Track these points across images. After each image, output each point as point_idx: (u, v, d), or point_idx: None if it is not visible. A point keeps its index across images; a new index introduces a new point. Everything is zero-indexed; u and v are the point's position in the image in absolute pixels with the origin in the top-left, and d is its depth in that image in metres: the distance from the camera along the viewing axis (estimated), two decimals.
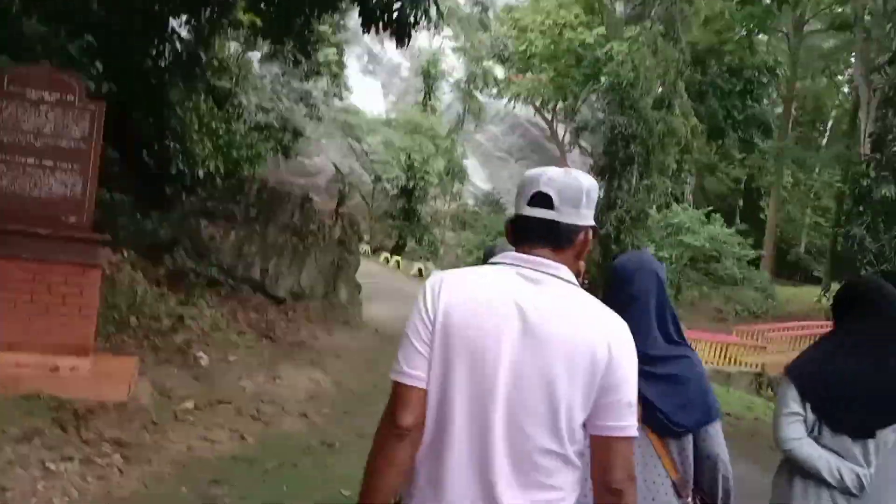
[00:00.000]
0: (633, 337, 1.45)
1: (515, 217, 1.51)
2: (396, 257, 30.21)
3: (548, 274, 1.40)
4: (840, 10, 30.16)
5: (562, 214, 1.43)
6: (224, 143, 13.75)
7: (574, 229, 1.44)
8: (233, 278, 9.31)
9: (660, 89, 12.89)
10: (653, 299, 2.18)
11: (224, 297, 8.98)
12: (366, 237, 38.10)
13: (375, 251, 34.15)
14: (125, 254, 7.73)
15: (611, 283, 2.28)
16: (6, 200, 4.45)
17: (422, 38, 48.51)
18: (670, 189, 15.63)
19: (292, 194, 9.72)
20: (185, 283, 8.94)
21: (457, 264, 34.51)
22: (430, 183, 32.48)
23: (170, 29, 12.41)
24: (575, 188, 1.44)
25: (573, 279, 1.43)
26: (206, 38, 12.95)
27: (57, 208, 4.56)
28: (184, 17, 12.51)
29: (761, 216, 40.05)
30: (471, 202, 42.46)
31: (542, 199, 1.44)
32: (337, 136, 35.14)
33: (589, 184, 1.47)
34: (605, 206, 13.85)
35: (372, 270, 20.61)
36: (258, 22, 14.01)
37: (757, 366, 16.69)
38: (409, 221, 34.24)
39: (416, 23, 8.32)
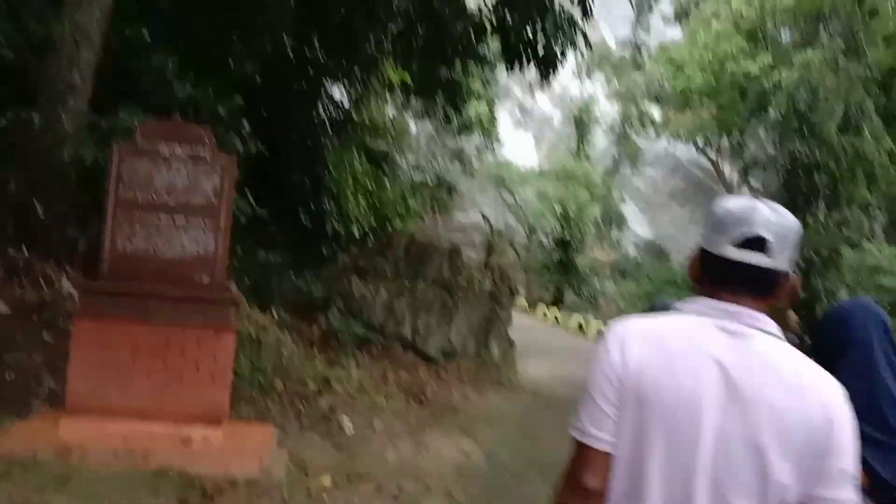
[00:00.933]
0: (853, 384, 1.38)
1: (712, 257, 1.33)
2: (554, 310, 29.19)
3: (753, 327, 1.26)
4: None
5: (776, 261, 1.29)
6: (377, 202, 13.92)
7: (784, 275, 1.31)
8: (384, 336, 9.03)
9: (842, 112, 11.21)
10: (877, 342, 1.93)
11: (374, 356, 8.69)
12: (522, 290, 37.58)
13: (532, 305, 33.38)
14: (276, 314, 7.67)
15: (822, 329, 2.05)
16: (139, 261, 4.35)
17: (573, 87, 48.38)
18: (867, 224, 13.50)
19: (440, 247, 9.36)
20: (336, 342, 8.79)
21: (619, 315, 32.72)
22: (586, 232, 31.40)
23: (324, 91, 12.86)
24: (790, 229, 1.30)
25: (780, 333, 1.28)
26: (357, 101, 13.26)
27: (189, 268, 4.39)
28: (337, 80, 12.93)
29: None
30: (631, 250, 40.56)
31: (756, 244, 1.28)
32: (490, 190, 35.27)
33: (798, 223, 1.34)
34: None
35: (528, 325, 19.84)
36: (408, 79, 14.20)
37: None
38: (567, 273, 33.20)
39: (563, 54, 7.74)
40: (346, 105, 12.94)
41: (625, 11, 46.59)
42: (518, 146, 41.71)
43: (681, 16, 36.11)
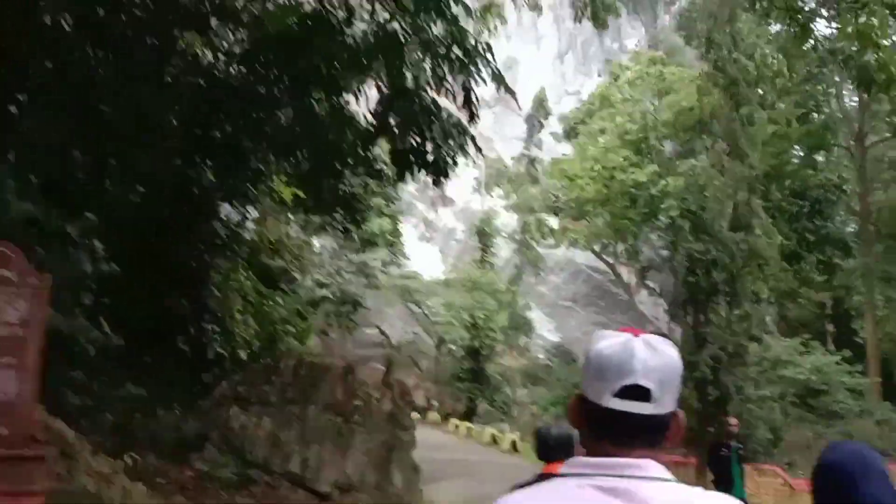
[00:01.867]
0: None
1: (592, 406, 1.21)
2: (467, 424, 28.18)
3: (638, 478, 1.16)
4: None
5: (661, 407, 1.18)
6: (268, 322, 12.98)
7: (671, 417, 1.21)
8: (268, 473, 7.94)
9: (731, 211, 11.66)
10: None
11: (258, 497, 7.58)
12: (434, 404, 36.45)
13: (445, 418, 32.27)
14: (131, 460, 6.53)
15: (825, 487, 1.93)
16: None
17: (475, 202, 49.79)
18: (767, 318, 13.85)
19: (333, 367, 8.54)
20: (211, 486, 7.64)
21: (532, 423, 32.14)
22: (495, 340, 31.12)
23: (210, 210, 12.12)
24: (673, 370, 1.19)
25: (668, 475, 1.17)
26: (245, 218, 12.58)
27: None
28: (225, 199, 12.25)
29: (857, 339, 36.86)
30: (541, 356, 40.58)
31: (638, 393, 1.17)
32: (397, 303, 34.76)
33: (679, 359, 1.22)
34: (694, 346, 12.13)
35: (439, 442, 18.79)
36: (301, 194, 13.72)
37: None
38: (479, 382, 32.54)
39: (454, 160, 7.48)
40: (234, 224, 12.22)
41: (517, 131, 49.28)
42: (424, 259, 41.86)
43: (570, 133, 38.36)
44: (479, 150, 7.69)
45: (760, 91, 13.54)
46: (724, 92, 11.91)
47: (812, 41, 8.44)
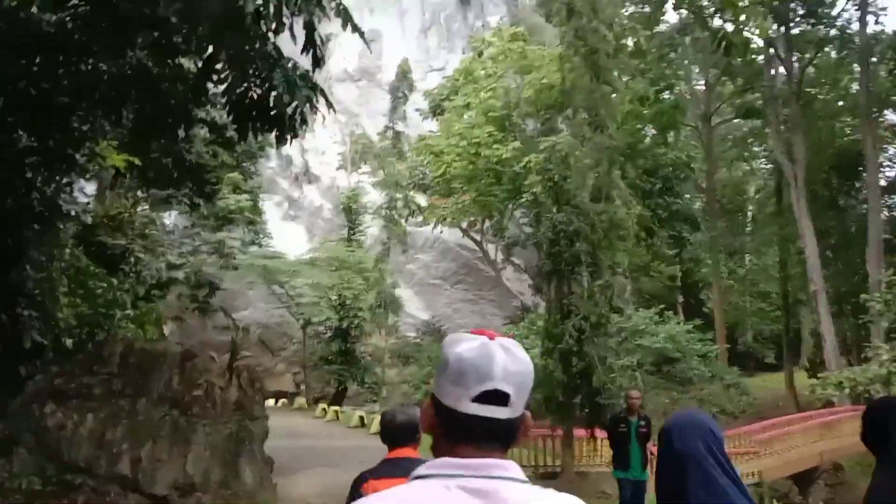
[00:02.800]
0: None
1: (449, 411, 1.23)
2: (335, 407, 27.40)
3: (500, 478, 1.19)
4: (744, 98, 31.22)
5: (516, 410, 1.23)
6: (101, 305, 11.54)
7: (522, 419, 1.26)
8: (93, 477, 6.86)
9: (592, 182, 11.71)
10: (703, 453, 2.14)
11: None
12: (302, 388, 35.26)
13: (315, 402, 31.25)
14: None
15: (660, 447, 2.29)
16: None
17: (341, 179, 48.49)
18: (629, 288, 14.22)
19: (168, 353, 7.52)
20: (23, 496, 6.47)
21: (404, 401, 31.95)
22: (364, 320, 30.42)
23: (26, 179, 10.46)
24: (529, 375, 1.24)
25: (524, 476, 1.22)
26: (64, 188, 10.96)
27: None
28: (42, 166, 10.60)
29: (704, 310, 39.75)
30: (411, 334, 40.42)
31: (497, 398, 1.20)
32: (259, 284, 33.11)
33: (531, 364, 1.26)
34: (559, 316, 12.13)
35: (301, 429, 17.94)
36: (135, 161, 12.25)
37: (753, 474, 14.69)
38: (348, 364, 31.75)
39: (302, 116, 6.66)
40: (50, 194, 10.62)
41: (383, 106, 48.46)
42: (289, 238, 40.29)
43: (435, 110, 38.11)
44: (330, 105, 6.91)
45: (617, 67, 13.83)
46: (585, 61, 11.90)
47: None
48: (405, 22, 51.16)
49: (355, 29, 6.74)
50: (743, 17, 22.58)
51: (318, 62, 6.41)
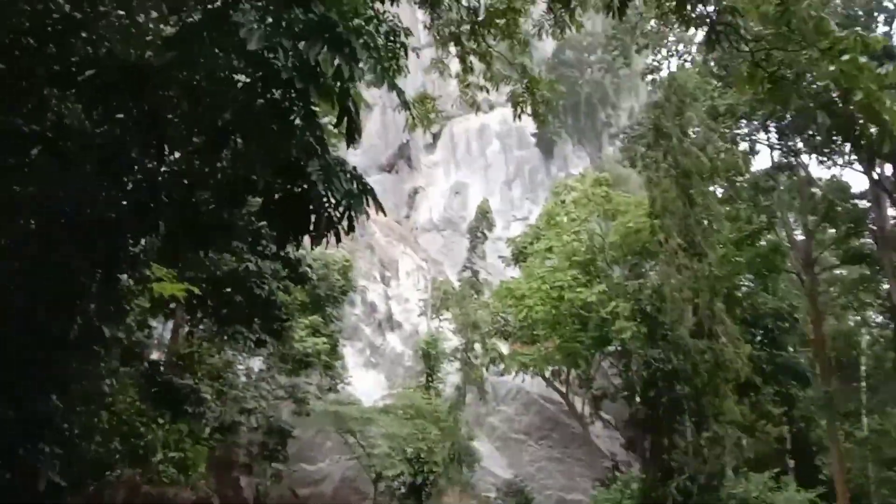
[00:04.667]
0: None
1: None
2: None
3: None
4: (849, 243, 29.09)
5: None
6: (141, 447, 10.58)
7: None
8: None
9: (691, 315, 10.25)
10: None
11: None
12: None
13: None
14: None
15: None
16: None
17: (422, 325, 47.94)
18: (745, 442, 12.06)
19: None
20: None
21: None
22: (438, 474, 28.19)
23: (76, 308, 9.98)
24: None
25: None
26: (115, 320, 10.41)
27: None
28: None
29: (820, 477, 35.07)
30: (492, 494, 37.29)
31: None
32: (335, 434, 31.71)
33: None
34: (659, 475, 10.15)
35: None
36: (183, 291, 11.73)
37: None
38: None
39: (349, 223, 5.75)
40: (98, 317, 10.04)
41: (465, 258, 48.71)
42: (369, 386, 39.34)
43: (518, 257, 37.68)
44: (379, 206, 5.98)
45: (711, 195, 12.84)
46: (676, 184, 10.92)
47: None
48: (489, 175, 52.61)
49: (393, 87, 5.98)
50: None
51: (352, 138, 5.60)
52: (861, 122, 13.46)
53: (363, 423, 28.37)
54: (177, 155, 7.22)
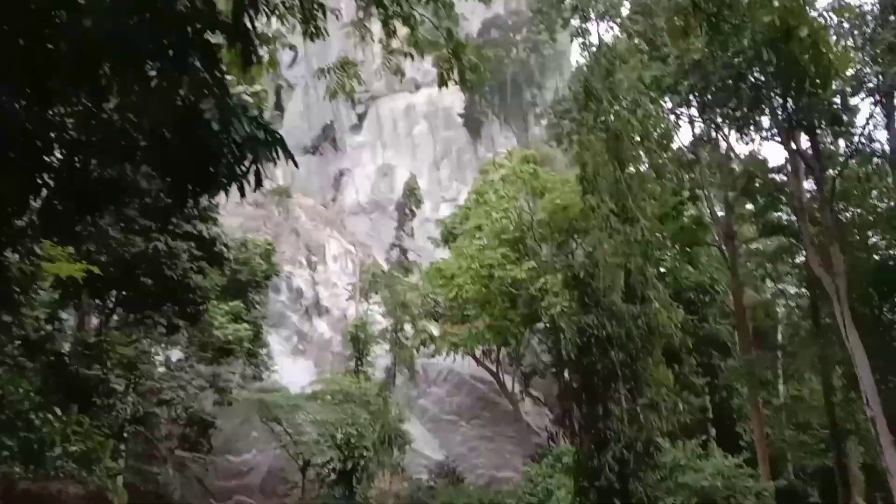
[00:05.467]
0: None
1: None
2: None
3: None
4: (768, 217, 29.96)
5: None
6: (36, 441, 9.49)
7: None
8: None
9: (623, 280, 10.06)
10: None
11: None
12: None
13: None
14: None
15: None
16: None
17: (351, 309, 47.03)
18: (683, 408, 12.02)
19: (65, 498, 5.47)
20: None
21: None
22: (369, 458, 27.59)
23: None
24: None
25: None
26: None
27: None
28: None
29: (740, 444, 36.43)
30: (423, 476, 37.03)
31: None
32: (261, 423, 30.59)
33: None
34: (594, 446, 9.92)
35: None
36: (95, 271, 10.66)
37: None
38: None
39: (256, 175, 5.04)
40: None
41: (393, 236, 48.01)
42: (297, 374, 38.30)
43: (448, 238, 37.27)
44: (288, 155, 5.28)
45: (644, 157, 12.73)
46: (607, 147, 10.67)
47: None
48: (417, 156, 51.88)
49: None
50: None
51: (248, 59, 4.88)
52: (800, 66, 13.57)
53: (290, 410, 27.43)
54: (60, 110, 6.28)
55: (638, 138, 11.35)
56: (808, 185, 26.62)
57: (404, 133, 51.99)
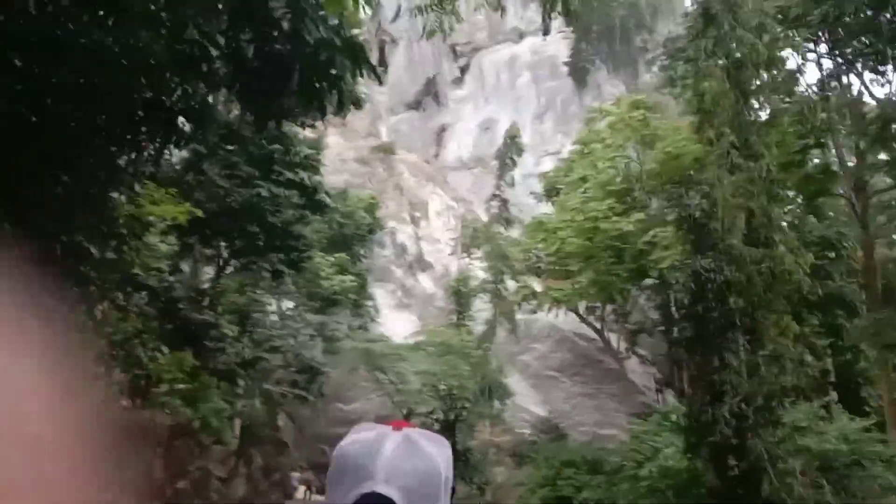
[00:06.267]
0: None
1: None
2: None
3: None
4: None
5: None
6: (142, 377, 9.92)
7: None
8: None
9: (745, 221, 9.10)
10: None
11: None
12: None
13: None
14: None
15: None
16: None
17: (453, 265, 47.26)
18: (810, 361, 10.99)
19: (152, 428, 5.43)
20: None
21: None
22: (469, 409, 27.77)
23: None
24: (429, 476, 1.02)
25: None
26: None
27: None
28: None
29: (866, 409, 33.92)
30: (526, 431, 37.04)
31: (379, 501, 0.98)
32: (367, 372, 31.49)
33: (445, 459, 1.08)
34: (708, 399, 9.14)
35: None
36: (185, 214, 10.89)
37: None
38: (455, 460, 28.84)
39: (348, 98, 4.69)
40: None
41: (493, 186, 47.40)
42: (401, 327, 39.13)
43: (551, 193, 36.25)
44: (377, 76, 4.91)
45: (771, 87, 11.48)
46: (728, 76, 9.61)
47: None
48: (520, 108, 50.69)
49: None
50: None
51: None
52: None
53: (394, 360, 27.97)
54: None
55: (764, 69, 10.17)
56: None
57: (507, 85, 50.84)
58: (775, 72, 12.21)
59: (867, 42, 21.52)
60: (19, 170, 6.97)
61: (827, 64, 25.00)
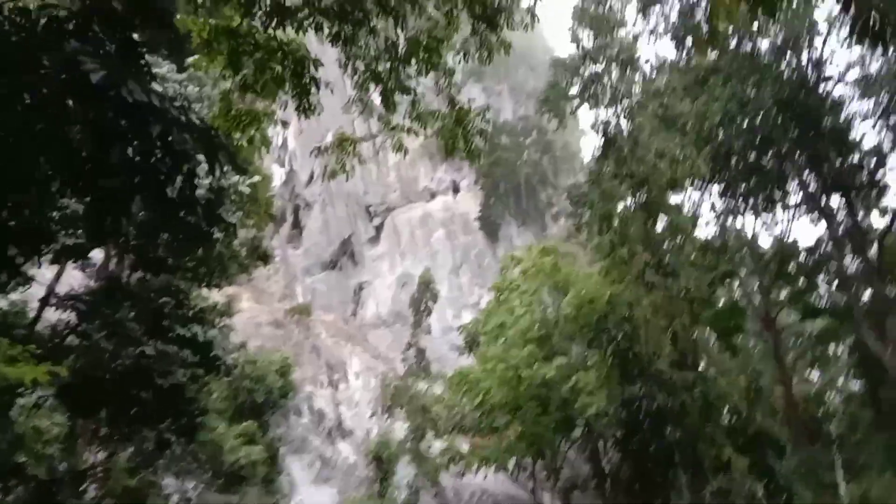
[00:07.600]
0: None
1: None
2: None
3: None
4: (804, 297, 28.16)
5: None
6: None
7: None
8: None
9: (669, 345, 8.44)
10: None
11: None
12: None
13: None
14: None
15: None
16: None
17: (375, 429, 44.64)
18: (759, 493, 9.92)
19: None
20: None
21: None
22: None
23: None
24: None
25: None
26: None
27: None
28: None
29: None
30: None
31: None
32: None
33: None
34: None
35: None
36: (62, 373, 9.33)
37: None
38: None
39: None
40: None
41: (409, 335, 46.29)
42: (321, 501, 35.85)
43: (471, 345, 35.58)
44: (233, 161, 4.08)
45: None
46: (633, 195, 9.43)
47: None
48: (436, 263, 51.10)
49: None
50: None
51: None
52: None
53: None
54: None
55: (666, 184, 10.16)
56: (848, 259, 25.03)
57: (422, 241, 51.58)
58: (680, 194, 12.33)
59: (756, 181, 22.81)
60: None
61: (719, 208, 26.44)
